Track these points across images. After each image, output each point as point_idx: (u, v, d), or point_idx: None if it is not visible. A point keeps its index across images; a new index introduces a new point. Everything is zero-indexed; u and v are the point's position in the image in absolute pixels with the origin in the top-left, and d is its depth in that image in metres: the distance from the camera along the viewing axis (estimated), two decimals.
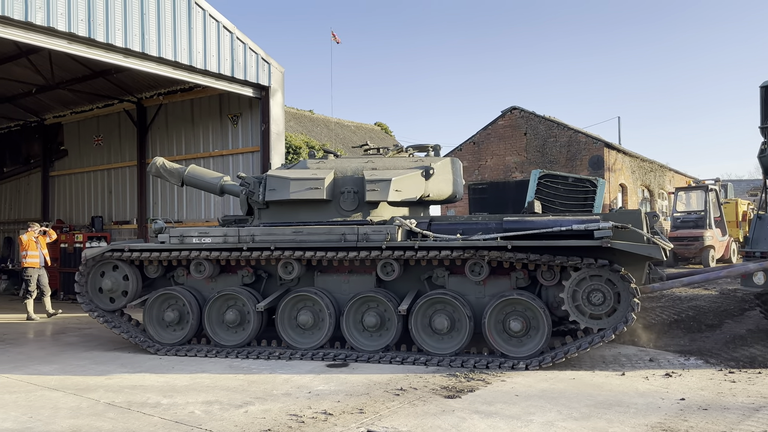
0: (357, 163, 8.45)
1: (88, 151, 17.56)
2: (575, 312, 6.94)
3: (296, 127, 27.70)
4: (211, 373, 6.93)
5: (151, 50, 10.57)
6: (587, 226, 6.80)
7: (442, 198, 8.69)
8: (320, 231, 7.66)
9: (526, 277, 7.35)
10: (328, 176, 8.12)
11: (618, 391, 5.87)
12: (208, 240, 7.98)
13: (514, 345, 7.13)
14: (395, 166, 8.36)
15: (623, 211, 7.40)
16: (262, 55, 12.58)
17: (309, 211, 8.26)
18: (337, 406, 5.49)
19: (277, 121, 12.85)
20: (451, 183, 8.69)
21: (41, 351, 8.36)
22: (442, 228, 7.61)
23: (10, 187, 20.24)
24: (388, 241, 7.31)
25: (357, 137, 32.44)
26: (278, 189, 8.22)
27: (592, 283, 6.87)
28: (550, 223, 7.09)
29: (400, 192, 8.04)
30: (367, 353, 7.38)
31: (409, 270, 7.69)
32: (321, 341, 7.61)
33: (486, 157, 22.74)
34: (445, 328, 7.26)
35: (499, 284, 7.42)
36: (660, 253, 6.72)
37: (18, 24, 8.81)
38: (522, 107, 22.59)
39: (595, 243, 6.69)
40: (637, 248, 6.70)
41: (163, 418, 5.20)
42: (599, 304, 6.83)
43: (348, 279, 7.87)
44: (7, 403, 5.72)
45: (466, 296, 7.42)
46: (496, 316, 7.16)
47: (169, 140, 15.47)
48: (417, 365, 7.06)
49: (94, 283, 8.54)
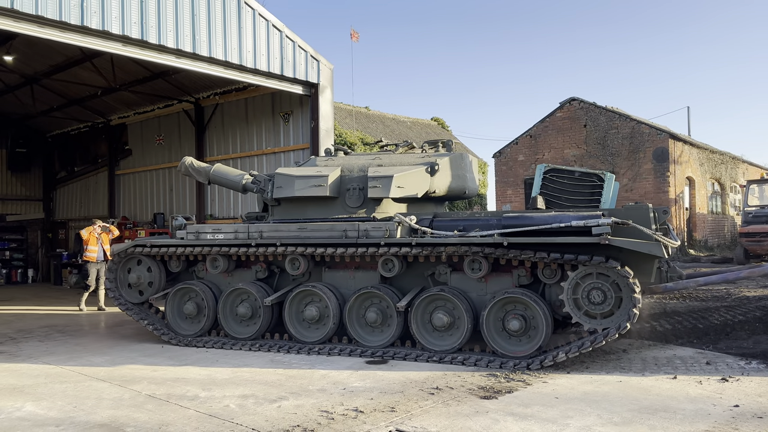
0: (364, 160, 8.49)
1: (151, 150, 18.24)
2: (576, 312, 6.70)
3: (352, 124, 27.85)
4: (252, 367, 7.03)
5: (202, 50, 10.83)
6: (586, 222, 6.54)
7: (450, 194, 8.57)
8: (323, 228, 7.81)
9: (529, 274, 7.15)
10: (332, 173, 8.19)
11: (666, 396, 5.55)
12: (220, 236, 8.30)
13: (513, 344, 6.97)
14: (401, 163, 8.31)
15: (629, 207, 7.06)
16: (311, 52, 12.68)
17: (316, 208, 8.38)
18: (369, 404, 5.44)
19: (326, 118, 12.93)
20: (459, 179, 8.54)
21: (97, 343, 8.72)
22: (444, 224, 7.49)
23: (81, 186, 21.29)
24: (387, 237, 7.32)
25: (413, 133, 32.34)
26: (285, 186, 8.37)
27: (591, 281, 6.61)
28: (549, 219, 6.85)
29: (402, 189, 7.96)
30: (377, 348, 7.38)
31: (413, 267, 7.67)
32: (326, 336, 7.74)
33: (543, 150, 22.14)
34: (444, 325, 7.20)
35: (501, 282, 7.27)
36: (661, 251, 6.38)
37: (74, 28, 9.21)
38: (582, 98, 21.87)
39: (593, 240, 6.42)
40: (637, 245, 6.37)
41: (198, 411, 5.29)
42: (599, 303, 6.56)
43: (354, 275, 7.97)
44: (57, 392, 5.97)
45: (468, 293, 7.32)
46: (495, 314, 7.03)
47: (225, 139, 15.85)
48: (443, 363, 6.97)
49: (123, 278, 9.00)
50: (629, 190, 20.51)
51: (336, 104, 29.57)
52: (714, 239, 23.76)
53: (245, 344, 8.02)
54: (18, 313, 12.28)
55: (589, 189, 9.05)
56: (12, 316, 11.74)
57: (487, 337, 6.99)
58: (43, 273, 21.11)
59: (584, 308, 6.65)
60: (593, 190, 9.03)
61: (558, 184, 9.15)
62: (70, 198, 21.77)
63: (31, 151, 21.58)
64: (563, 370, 6.64)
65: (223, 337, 8.36)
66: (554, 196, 9.10)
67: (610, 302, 6.54)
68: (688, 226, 22.22)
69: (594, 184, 9.04)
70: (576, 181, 9.14)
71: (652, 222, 6.75)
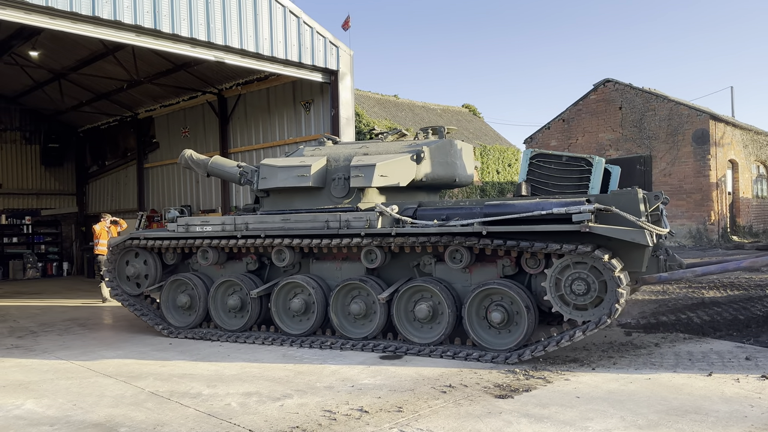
0: (350, 149, 8.30)
1: (177, 142, 18.23)
2: (558, 303, 6.38)
3: (380, 113, 27.52)
4: (262, 362, 6.82)
5: (217, 39, 10.62)
6: (568, 209, 6.18)
7: (439, 182, 8.27)
8: (306, 218, 7.70)
9: (513, 264, 6.84)
10: (315, 163, 8.02)
11: (699, 395, 5.10)
12: (208, 228, 8.27)
13: (494, 336, 6.74)
14: (388, 151, 8.07)
15: (617, 192, 6.71)
16: (329, 38, 12.36)
17: (303, 198, 8.27)
18: (376, 403, 5.15)
19: (347, 106, 12.62)
20: (448, 166, 8.21)
21: (113, 337, 8.66)
22: (427, 213, 7.21)
23: (112, 180, 21.51)
24: (367, 228, 7.14)
25: (443, 120, 31.81)
26: (269, 177, 8.26)
27: (574, 271, 6.26)
28: (531, 206, 6.53)
29: (386, 177, 7.70)
30: (418, 346, 7.04)
31: (399, 257, 7.50)
32: (311, 328, 7.66)
33: (577, 135, 21.39)
34: (427, 317, 7.00)
35: (486, 272, 7.01)
36: (645, 239, 6.02)
37: (85, 19, 9.08)
38: (617, 79, 21.03)
39: (573, 228, 6.10)
40: (619, 233, 6.03)
41: (198, 410, 5.09)
42: (582, 294, 6.23)
43: (340, 267, 7.84)
44: (60, 389, 5.86)
45: (453, 285, 7.11)
46: (477, 306, 6.80)
47: (248, 129, 15.71)
48: (456, 359, 6.65)
49: (121, 270, 9.07)
50: (667, 175, 19.67)
51: (364, 93, 29.27)
52: (759, 225, 22.66)
53: (258, 338, 7.88)
54: (46, 305, 12.41)
55: (578, 174, 8.67)
56: (39, 309, 11.85)
57: (468, 330, 6.79)
58: (77, 266, 21.45)
59: (566, 299, 6.37)
60: (581, 176, 8.65)
61: (545, 169, 8.81)
62: (102, 191, 22.04)
63: (64, 146, 21.89)
64: (588, 366, 6.24)
65: (217, 329, 8.36)
66: (541, 182, 8.77)
67: (594, 293, 6.22)
68: (731, 212, 21.22)
69: (582, 169, 8.65)
70: (563, 167, 8.78)
71: (642, 208, 6.41)
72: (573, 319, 6.37)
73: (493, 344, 6.66)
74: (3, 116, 20.81)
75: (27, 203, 21.47)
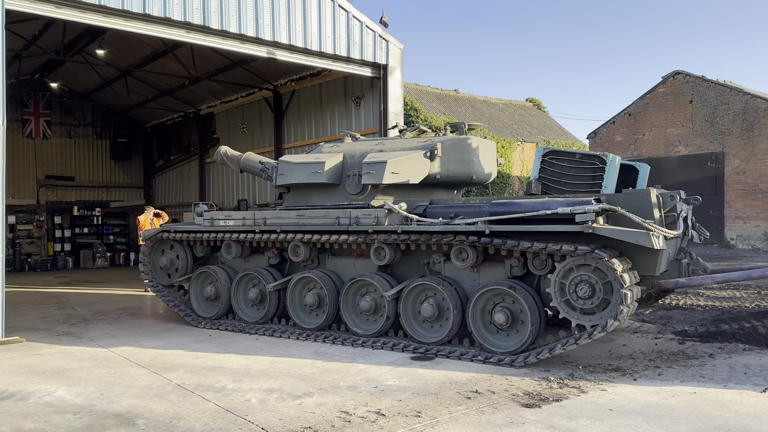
0: (367, 146, 8.29)
1: (236, 138, 18.63)
2: (565, 308, 6.10)
3: (439, 108, 27.18)
4: (293, 357, 6.78)
5: (265, 35, 10.69)
6: (573, 209, 5.90)
7: (454, 180, 8.06)
8: (318, 215, 7.76)
9: (521, 265, 6.60)
10: (329, 160, 8.06)
11: (746, 414, 4.66)
12: (230, 223, 8.49)
13: (499, 338, 6.56)
14: (402, 148, 7.97)
15: (629, 192, 6.40)
16: (379, 32, 12.24)
17: (319, 195, 8.36)
18: (395, 406, 4.99)
19: (395, 100, 12.47)
20: (464, 163, 8.00)
21: (157, 327, 8.87)
22: (437, 211, 7.11)
23: (176, 173, 22.26)
24: (375, 225, 7.12)
25: (505, 115, 31.16)
26: (286, 174, 8.39)
27: (578, 274, 6.00)
28: (537, 205, 6.33)
29: (397, 174, 7.61)
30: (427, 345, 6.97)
31: (411, 255, 7.45)
32: (324, 323, 7.74)
33: (643, 129, 20.33)
34: (432, 316, 6.91)
35: (494, 272, 6.85)
36: (650, 241, 5.69)
37: (135, 16, 9.33)
38: (687, 71, 19.85)
39: (576, 228, 5.86)
40: (623, 234, 5.76)
41: (217, 405, 5.09)
42: (587, 298, 5.95)
43: (354, 263, 7.87)
44: (93, 378, 6.01)
45: (462, 284, 7.01)
46: (482, 306, 6.63)
47: (301, 125, 15.85)
48: (476, 362, 6.44)
49: (155, 261, 9.45)
50: (741, 173, 18.42)
51: (423, 88, 29.00)
52: None
53: (293, 333, 7.89)
54: (106, 294, 12.92)
55: (591, 173, 8.30)
56: (98, 298, 12.36)
57: (473, 331, 6.63)
58: None
59: (572, 302, 6.08)
60: (595, 174, 8.26)
61: (558, 167, 8.46)
62: (167, 185, 22.85)
63: (132, 141, 22.84)
64: (629, 376, 5.85)
65: (239, 320, 8.60)
66: (554, 180, 8.44)
67: (599, 296, 5.91)
68: None
69: (596, 167, 8.25)
70: (577, 164, 8.41)
71: (655, 209, 6.09)
72: (581, 324, 6.10)
73: (498, 346, 6.51)
74: (77, 112, 21.92)
75: (97, 195, 22.53)
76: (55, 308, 10.89)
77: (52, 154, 21.30)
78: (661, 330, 8.06)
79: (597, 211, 5.83)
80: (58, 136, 21.30)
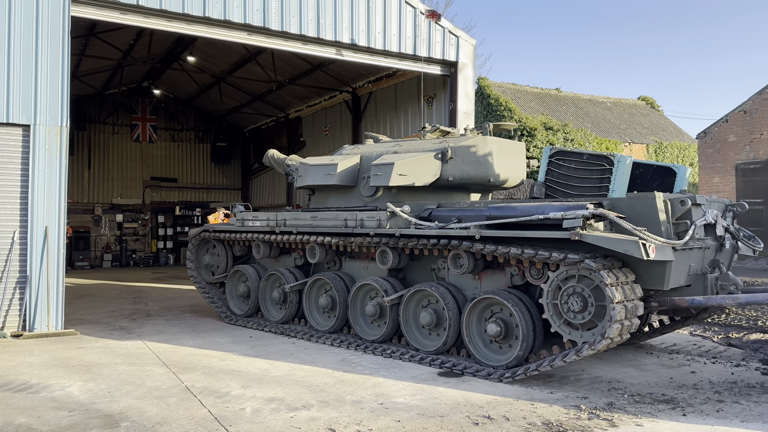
0: (384, 148, 8.14)
1: (320, 141, 18.82)
2: (555, 320, 5.56)
3: (537, 108, 26.00)
4: (315, 365, 6.51)
5: (326, 35, 10.56)
6: (564, 213, 5.45)
7: (469, 182, 7.57)
8: (329, 216, 7.75)
9: (521, 274, 6.16)
10: (342, 162, 7.95)
11: None
12: (257, 223, 8.65)
13: (492, 351, 6.19)
14: (417, 150, 7.62)
15: (633, 197, 5.73)
16: (449, 28, 11.75)
17: (337, 197, 8.35)
18: (389, 428, 4.54)
19: (466, 99, 11.91)
20: (480, 165, 7.54)
21: (206, 326, 8.96)
22: (441, 215, 6.79)
23: (269, 176, 22.91)
24: (377, 228, 6.87)
25: (612, 115, 29.28)
26: (304, 176, 8.43)
27: (571, 284, 5.51)
28: (531, 209, 5.85)
29: (405, 176, 7.34)
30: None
31: (419, 260, 7.22)
32: (335, 325, 7.72)
33: (761, 128, 18.08)
34: (430, 323, 6.66)
35: (495, 280, 6.47)
36: (639, 251, 5.06)
37: (196, 19, 9.52)
38: None
39: (564, 235, 5.39)
40: (609, 242, 5.21)
41: (209, 412, 4.91)
42: (578, 311, 5.45)
43: (367, 266, 7.75)
44: (113, 374, 6.08)
45: (464, 291, 6.70)
46: (477, 316, 6.27)
47: (378, 126, 15.65)
48: (504, 382, 5.70)
49: (200, 258, 9.82)
50: None
51: (521, 87, 27.91)
52: None
53: (327, 339, 7.69)
54: (185, 290, 13.39)
55: (598, 174, 7.62)
56: (176, 294, 12.84)
57: (466, 341, 6.30)
58: None
59: (563, 316, 5.52)
60: (602, 176, 7.58)
61: (565, 169, 7.84)
62: (262, 187, 23.60)
63: (231, 145, 23.81)
64: (680, 410, 5.00)
65: (264, 319, 8.79)
66: (560, 182, 7.84)
67: (591, 311, 5.31)
68: None
69: (603, 169, 7.57)
70: (584, 166, 7.75)
71: (662, 215, 5.53)
72: (573, 340, 5.52)
73: (490, 359, 6.14)
74: (180, 117, 23.20)
75: (198, 196, 23.70)
76: (129, 303, 11.40)
77: (157, 157, 22.68)
78: (747, 357, 6.95)
79: (587, 216, 5.25)
80: (162, 140, 22.65)
